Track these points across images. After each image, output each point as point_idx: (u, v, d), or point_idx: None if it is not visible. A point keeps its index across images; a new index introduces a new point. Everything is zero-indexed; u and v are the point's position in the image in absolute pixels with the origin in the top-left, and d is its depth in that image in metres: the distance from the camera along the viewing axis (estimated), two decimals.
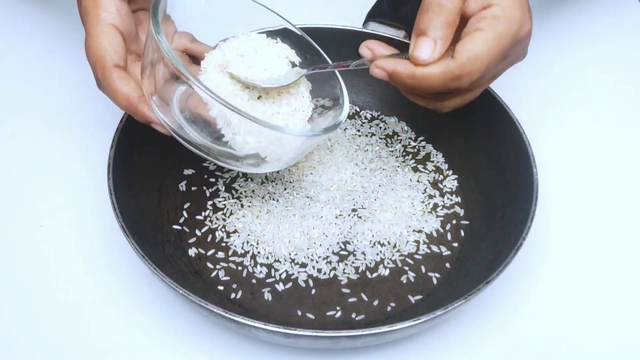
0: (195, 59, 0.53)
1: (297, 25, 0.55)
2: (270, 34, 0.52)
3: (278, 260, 0.53)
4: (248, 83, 0.48)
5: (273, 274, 0.52)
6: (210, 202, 0.56)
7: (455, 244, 0.55)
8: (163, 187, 0.56)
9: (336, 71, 0.52)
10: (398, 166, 0.60)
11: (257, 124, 0.45)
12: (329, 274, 0.52)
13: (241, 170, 0.52)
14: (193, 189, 0.57)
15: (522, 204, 0.51)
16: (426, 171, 0.60)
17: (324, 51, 0.53)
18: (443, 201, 0.57)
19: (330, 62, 0.53)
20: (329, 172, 0.58)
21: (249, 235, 0.54)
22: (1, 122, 0.64)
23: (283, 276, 0.52)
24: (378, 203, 0.56)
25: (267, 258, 0.53)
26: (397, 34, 0.63)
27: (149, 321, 0.50)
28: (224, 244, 0.54)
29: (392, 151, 0.61)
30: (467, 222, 0.56)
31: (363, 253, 0.53)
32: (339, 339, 0.43)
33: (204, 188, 0.57)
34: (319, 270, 0.52)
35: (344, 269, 0.52)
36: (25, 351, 0.49)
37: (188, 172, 0.58)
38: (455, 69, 0.46)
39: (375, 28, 0.63)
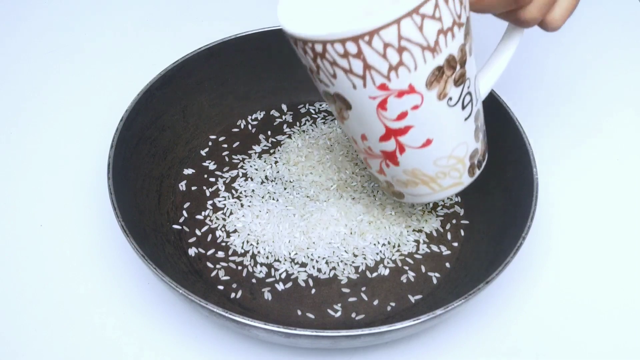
0: None
1: None
2: None
3: (278, 260, 0.53)
4: None
5: (273, 274, 0.52)
6: (210, 202, 0.56)
7: (455, 244, 0.55)
8: (163, 187, 0.57)
9: None
10: None
11: None
12: (329, 274, 0.52)
13: None
14: (193, 188, 0.57)
15: (522, 204, 0.51)
16: None
17: None
18: (443, 201, 0.57)
19: None
20: (329, 171, 0.58)
21: (248, 234, 0.54)
22: (1, 122, 0.64)
23: (283, 276, 0.52)
24: (378, 202, 0.56)
25: (267, 258, 0.53)
26: None
27: (149, 321, 0.50)
28: (224, 244, 0.54)
29: None
30: (467, 222, 0.56)
31: (363, 253, 0.53)
32: (339, 339, 0.43)
33: (204, 188, 0.57)
34: (319, 270, 0.52)
35: (344, 269, 0.52)
36: (24, 351, 0.49)
37: (188, 171, 0.58)
38: None
39: None
